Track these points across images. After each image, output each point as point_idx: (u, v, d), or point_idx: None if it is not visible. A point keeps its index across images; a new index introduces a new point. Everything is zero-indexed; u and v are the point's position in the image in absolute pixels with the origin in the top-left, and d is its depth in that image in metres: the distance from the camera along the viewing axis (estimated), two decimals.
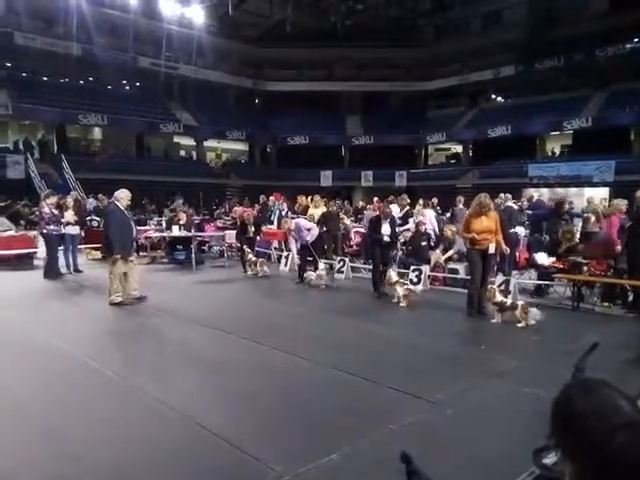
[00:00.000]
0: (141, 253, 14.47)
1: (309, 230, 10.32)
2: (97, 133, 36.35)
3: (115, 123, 33.12)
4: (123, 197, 8.16)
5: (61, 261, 11.43)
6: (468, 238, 7.42)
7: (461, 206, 14.25)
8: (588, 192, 23.51)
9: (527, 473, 2.87)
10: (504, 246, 7.66)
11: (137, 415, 3.97)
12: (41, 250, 11.91)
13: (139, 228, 15.85)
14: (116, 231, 7.88)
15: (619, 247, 8.26)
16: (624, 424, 1.59)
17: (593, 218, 12.59)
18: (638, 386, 4.03)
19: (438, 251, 10.62)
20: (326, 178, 36.06)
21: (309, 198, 15.22)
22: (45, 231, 10.99)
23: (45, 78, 33.76)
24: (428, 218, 12.37)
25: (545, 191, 26.13)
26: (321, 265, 10.00)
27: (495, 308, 7.06)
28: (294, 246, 10.47)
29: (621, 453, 1.52)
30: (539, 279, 9.07)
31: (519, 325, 6.69)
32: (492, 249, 7.38)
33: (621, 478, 1.52)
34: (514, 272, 9.84)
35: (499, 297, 7.05)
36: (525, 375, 4.81)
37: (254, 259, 11.42)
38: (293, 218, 12.60)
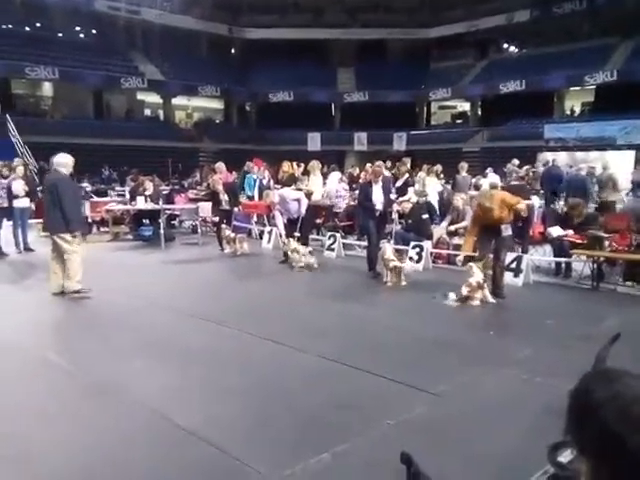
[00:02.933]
0: (102, 229, 14.41)
1: (298, 201, 10.21)
2: (47, 89, 35.68)
3: (68, 77, 32.49)
4: (67, 163, 7.62)
5: (9, 238, 11.31)
6: (468, 245, 7.71)
7: (464, 174, 14.28)
8: (611, 156, 23.61)
9: (541, 472, 2.94)
10: (523, 206, 7.67)
11: (103, 412, 3.99)
12: None
13: (99, 200, 15.88)
14: (72, 203, 7.54)
15: None
16: None
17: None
18: None
19: (444, 223, 10.66)
20: (314, 141, 35.83)
21: (295, 164, 15.12)
22: None
23: None
24: (432, 189, 12.36)
25: (563, 155, 26.26)
26: (298, 246, 9.88)
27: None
28: (280, 221, 10.40)
29: None
30: (556, 255, 9.16)
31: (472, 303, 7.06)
32: (506, 231, 7.49)
33: None
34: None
35: (478, 274, 7.20)
36: (538, 364, 4.89)
37: (232, 235, 11.39)
38: (276, 189, 12.53)
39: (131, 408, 4.06)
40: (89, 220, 14.38)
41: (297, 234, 10.11)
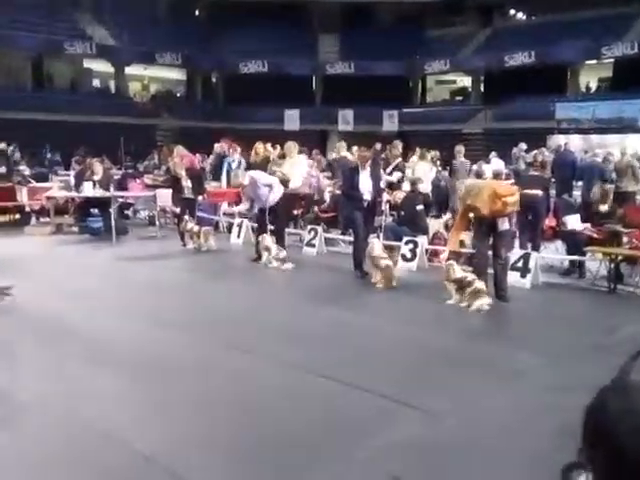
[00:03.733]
0: (42, 219, 14.24)
1: (270, 187, 10.16)
2: None
3: (2, 41, 31.94)
4: None
5: None
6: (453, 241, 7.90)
7: (462, 158, 14.39)
8: (631, 140, 23.90)
9: None
10: (515, 198, 7.76)
11: (37, 434, 3.95)
12: None
13: (39, 185, 15.66)
14: None
15: None
16: None
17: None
18: None
19: (445, 217, 10.73)
20: (292, 119, 35.73)
21: (269, 146, 15.04)
22: None
23: None
24: (423, 176, 12.44)
25: (577, 138, 26.52)
26: (272, 244, 9.84)
27: (454, 286, 7.29)
28: (243, 206, 10.33)
29: None
30: (569, 252, 9.26)
31: (471, 308, 7.00)
32: (502, 225, 7.53)
33: None
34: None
35: (460, 273, 7.26)
36: (548, 377, 4.96)
37: (196, 228, 11.33)
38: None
39: (77, 428, 4.02)
40: (27, 209, 14.22)
41: (271, 227, 10.10)
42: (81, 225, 13.40)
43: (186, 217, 11.57)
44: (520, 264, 8.44)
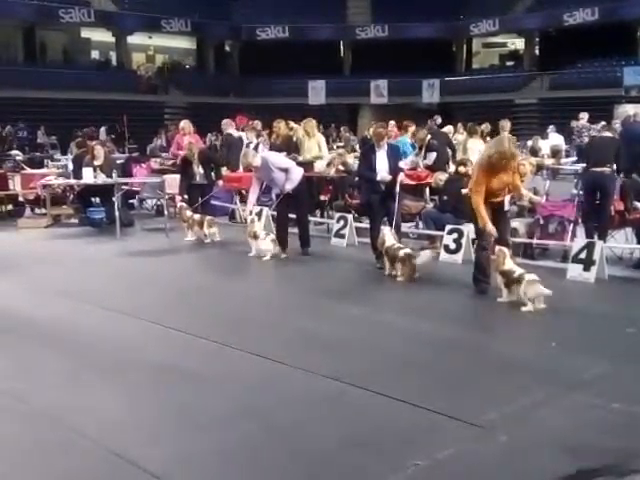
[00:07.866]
0: (37, 210, 14.42)
1: (286, 171, 10.15)
2: None
3: None
4: None
5: None
6: (479, 214, 7.43)
7: (507, 135, 14.29)
8: None
9: None
10: (523, 190, 7.92)
11: (41, 451, 4.03)
12: None
13: (33, 172, 15.86)
14: None
15: None
16: None
17: None
18: None
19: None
20: (316, 92, 35.70)
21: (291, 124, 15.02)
22: None
23: None
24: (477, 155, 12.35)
25: None
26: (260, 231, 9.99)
27: (502, 280, 7.20)
28: (254, 194, 10.32)
29: None
30: None
31: (523, 309, 6.85)
32: (507, 205, 7.76)
33: None
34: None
35: (509, 265, 7.19)
36: (615, 386, 4.91)
37: (197, 217, 11.39)
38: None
39: (78, 443, 4.08)
40: (20, 199, 14.40)
41: (292, 216, 10.13)
42: (81, 216, 13.53)
43: (182, 204, 11.73)
44: (583, 255, 8.33)
